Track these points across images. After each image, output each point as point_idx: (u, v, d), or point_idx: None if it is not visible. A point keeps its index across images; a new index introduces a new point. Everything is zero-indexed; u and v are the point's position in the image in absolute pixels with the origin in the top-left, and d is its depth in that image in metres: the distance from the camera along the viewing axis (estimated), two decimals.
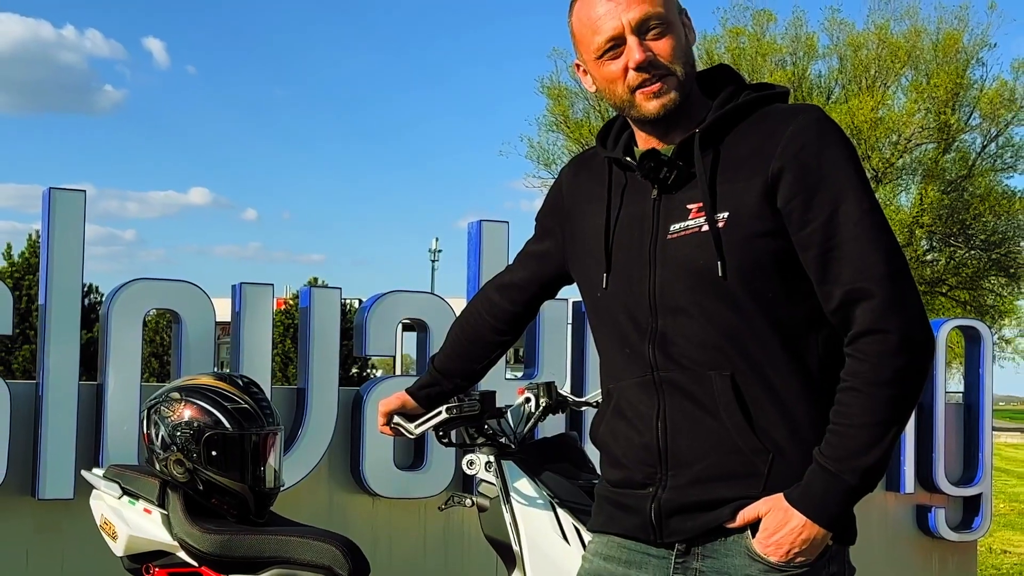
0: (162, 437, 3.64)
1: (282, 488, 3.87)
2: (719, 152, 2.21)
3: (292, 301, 24.91)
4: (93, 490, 3.84)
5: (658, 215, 2.24)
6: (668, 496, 2.20)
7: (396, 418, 3.13)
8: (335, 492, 5.16)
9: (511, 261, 2.87)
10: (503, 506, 3.47)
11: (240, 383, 3.79)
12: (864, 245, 2.10)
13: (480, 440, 3.49)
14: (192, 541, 3.54)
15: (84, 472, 3.97)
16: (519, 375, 5.75)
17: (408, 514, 5.27)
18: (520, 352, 6.04)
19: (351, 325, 5.83)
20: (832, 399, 2.15)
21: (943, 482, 6.19)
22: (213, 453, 3.61)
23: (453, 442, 3.44)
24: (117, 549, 3.72)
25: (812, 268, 2.14)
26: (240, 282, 5.01)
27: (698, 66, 2.34)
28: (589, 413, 4.39)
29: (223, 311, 4.98)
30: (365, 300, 5.43)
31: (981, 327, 6.41)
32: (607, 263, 2.31)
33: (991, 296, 37.10)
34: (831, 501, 2.11)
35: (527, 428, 3.58)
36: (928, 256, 35.90)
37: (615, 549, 2.32)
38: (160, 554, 3.65)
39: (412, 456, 5.26)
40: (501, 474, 3.46)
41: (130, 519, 3.67)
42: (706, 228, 2.16)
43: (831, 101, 34.94)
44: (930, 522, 6.24)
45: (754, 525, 2.16)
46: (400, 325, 5.43)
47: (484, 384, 3.50)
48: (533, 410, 3.58)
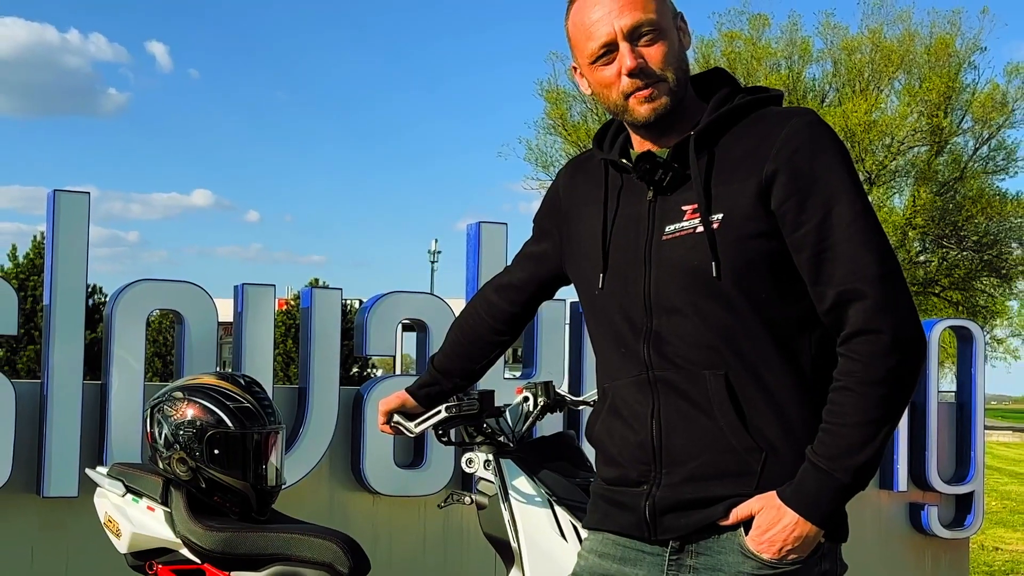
0: (165, 436, 3.64)
1: (284, 486, 3.87)
2: (714, 154, 2.21)
3: (293, 302, 24.92)
4: (97, 488, 3.84)
5: (653, 216, 2.24)
6: (662, 494, 2.21)
7: (396, 417, 3.13)
8: (336, 490, 5.16)
9: (509, 262, 2.87)
10: (502, 504, 3.47)
11: (242, 382, 3.79)
12: (857, 247, 2.10)
13: (479, 439, 3.49)
14: (195, 538, 3.54)
15: (88, 470, 3.97)
16: (517, 375, 5.75)
17: (408, 512, 5.27)
18: (518, 352, 6.04)
19: (352, 325, 5.84)
20: (825, 398, 2.15)
21: (936, 480, 6.19)
22: (216, 451, 3.61)
23: (452, 441, 3.44)
24: (121, 546, 3.72)
25: (805, 269, 2.14)
26: (242, 283, 5.01)
27: (694, 69, 2.34)
28: (586, 412, 4.39)
29: (225, 311, 4.98)
30: (365, 301, 5.43)
31: (973, 327, 6.42)
32: (603, 264, 2.31)
33: (983, 297, 37.12)
34: (823, 499, 2.11)
35: (525, 427, 3.58)
36: (921, 257, 35.93)
37: (610, 546, 2.32)
38: (163, 551, 3.65)
39: (412, 454, 5.26)
40: (500, 472, 3.46)
41: (134, 517, 3.67)
42: (701, 229, 2.16)
43: (825, 104, 34.97)
44: (923, 520, 6.24)
45: (747, 523, 2.16)
46: (400, 325, 5.42)
47: (483, 383, 3.50)
48: (531, 409, 3.58)
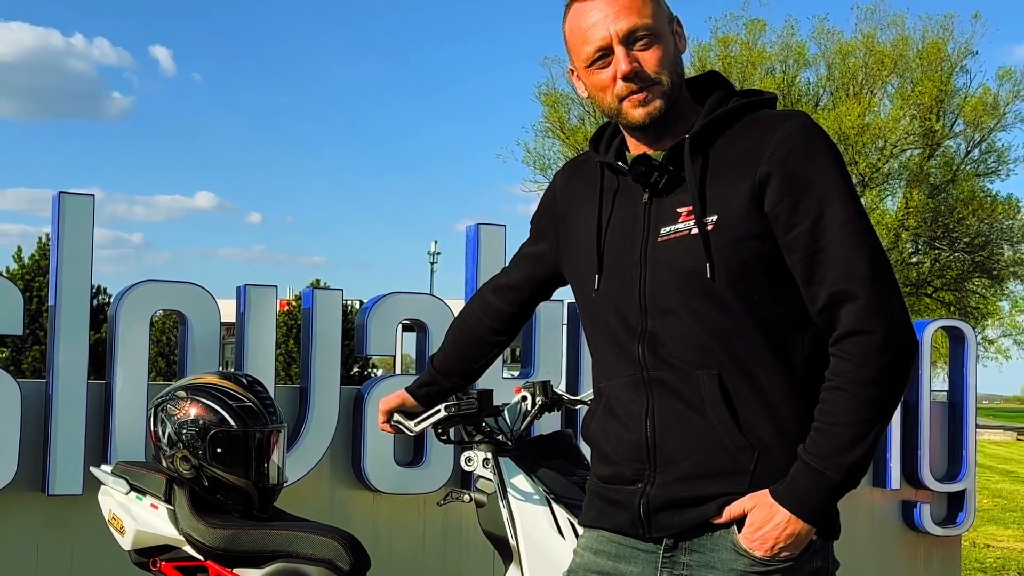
0: (168, 434, 3.64)
1: (285, 484, 3.87)
2: (708, 157, 2.21)
3: (295, 302, 24.93)
4: (101, 486, 3.84)
5: (649, 218, 2.24)
6: (656, 492, 2.21)
7: (396, 416, 3.13)
8: (337, 488, 5.16)
9: (507, 263, 2.87)
10: (500, 501, 3.47)
11: (244, 382, 3.79)
12: (849, 248, 2.10)
13: (478, 437, 3.49)
14: (198, 535, 3.54)
15: (92, 468, 3.97)
16: (516, 374, 5.75)
17: (408, 509, 5.27)
18: (517, 352, 6.05)
19: (352, 325, 5.84)
20: (817, 398, 2.15)
21: (928, 478, 6.19)
22: (218, 450, 3.60)
23: (452, 439, 3.44)
24: (125, 543, 3.72)
25: (798, 271, 2.14)
26: (244, 284, 5.00)
27: (690, 73, 2.34)
28: (583, 411, 4.39)
29: (228, 312, 4.98)
30: (366, 301, 5.43)
31: (965, 328, 6.42)
32: (599, 265, 2.31)
33: (974, 297, 37.15)
34: (815, 497, 2.11)
35: (523, 426, 3.58)
36: (913, 259, 35.96)
37: (605, 543, 2.32)
38: (166, 548, 3.65)
39: (412, 453, 5.26)
40: (498, 470, 3.46)
41: (137, 514, 3.67)
42: (695, 231, 2.16)
43: (819, 108, 34.99)
44: (915, 517, 6.24)
45: (740, 521, 2.16)
46: (400, 325, 5.42)
47: (482, 383, 3.51)
48: (529, 408, 3.58)
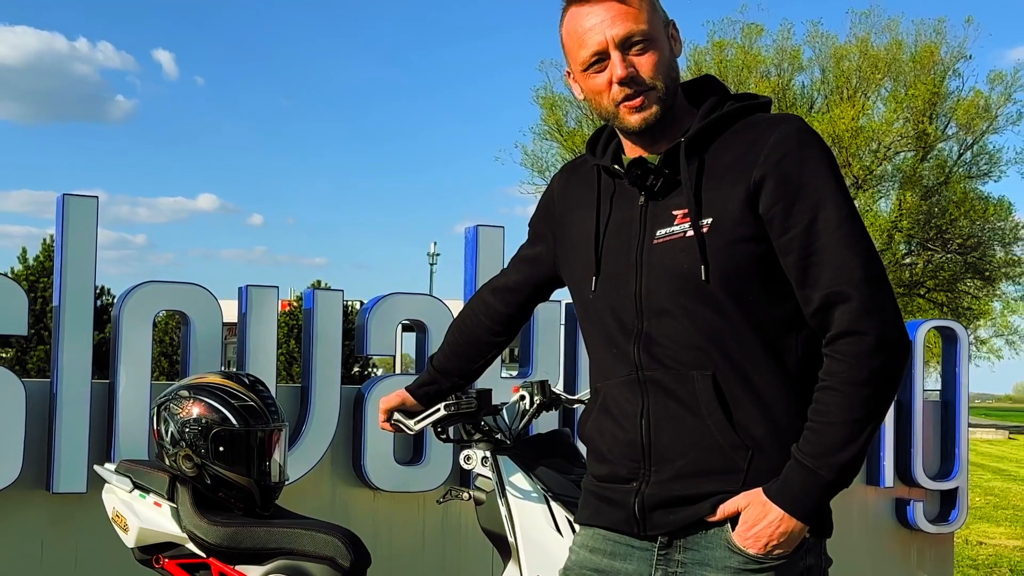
0: (171, 433, 3.65)
1: (287, 482, 3.88)
2: (704, 160, 2.21)
3: (296, 303, 24.87)
4: (105, 484, 3.85)
5: (645, 221, 2.24)
6: (651, 491, 2.21)
7: (396, 415, 3.13)
8: (337, 486, 5.16)
9: (506, 265, 2.87)
10: (499, 499, 3.48)
11: (246, 381, 3.80)
12: (842, 250, 2.11)
13: (477, 436, 3.49)
14: (200, 533, 3.54)
15: (96, 467, 3.98)
16: (514, 374, 5.75)
17: (408, 507, 5.27)
18: (515, 352, 6.05)
19: (353, 326, 5.84)
20: (811, 397, 2.15)
21: (921, 476, 6.19)
22: (220, 449, 3.61)
23: (451, 438, 3.44)
24: (128, 541, 3.72)
25: (792, 272, 2.14)
26: (246, 284, 5.00)
27: (686, 77, 2.35)
28: (581, 410, 4.39)
29: (230, 312, 4.98)
30: (366, 302, 5.43)
31: (957, 328, 6.42)
32: (596, 267, 2.31)
33: (967, 298, 37.15)
34: (808, 496, 2.12)
35: (522, 425, 3.58)
36: (907, 260, 35.96)
37: (601, 541, 2.32)
38: (170, 545, 3.66)
39: (411, 451, 5.26)
40: (497, 469, 3.47)
41: (141, 512, 3.67)
42: (691, 233, 2.16)
43: (814, 111, 34.99)
44: (909, 515, 6.24)
45: (734, 519, 2.16)
46: (400, 326, 5.42)
47: (480, 382, 3.51)
48: (527, 407, 3.59)
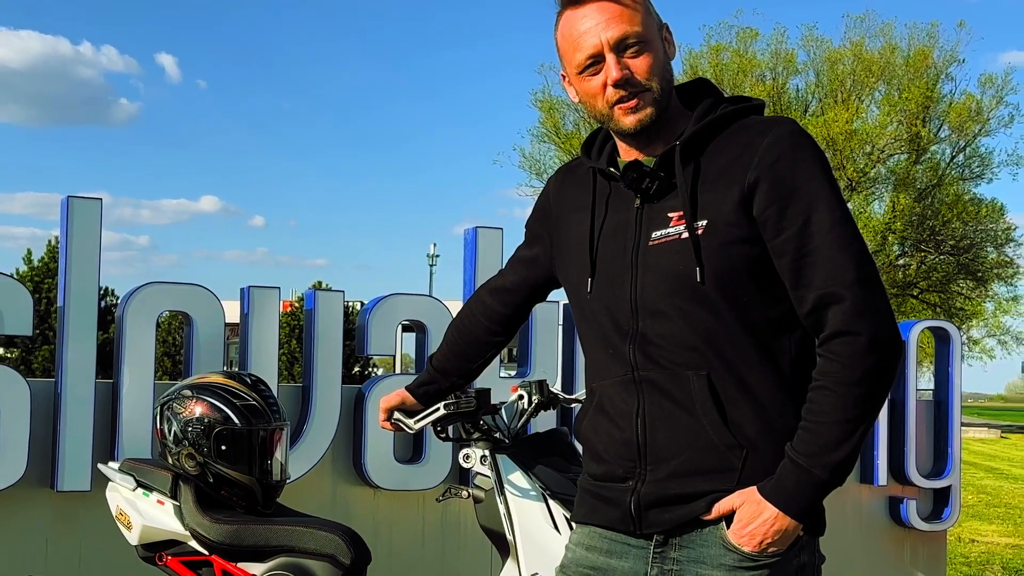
0: (174, 432, 3.65)
1: (288, 481, 3.88)
2: (699, 163, 2.21)
3: (298, 304, 24.85)
4: (109, 482, 3.85)
5: (640, 223, 2.24)
6: (647, 490, 2.21)
7: (396, 414, 3.13)
8: (338, 484, 5.16)
9: (504, 266, 2.87)
10: (498, 497, 3.48)
11: (248, 381, 3.80)
12: (836, 252, 2.10)
13: (476, 435, 3.50)
14: (203, 531, 3.55)
15: (100, 465, 3.98)
16: (512, 373, 5.75)
17: (407, 505, 5.27)
18: (513, 352, 6.05)
19: (353, 326, 5.83)
20: (804, 397, 2.16)
21: (914, 475, 6.20)
22: (223, 447, 3.61)
23: (450, 437, 3.45)
24: (132, 538, 3.72)
25: (786, 274, 2.14)
26: (248, 285, 5.00)
27: (682, 81, 2.34)
28: (578, 409, 4.39)
29: (232, 313, 4.98)
30: (367, 302, 5.43)
31: (950, 328, 6.42)
32: (592, 268, 2.31)
33: (959, 299, 37.14)
34: (802, 494, 2.12)
35: (520, 424, 3.58)
36: (900, 261, 35.96)
37: (597, 539, 2.32)
38: (173, 543, 3.66)
39: (411, 450, 5.26)
40: (496, 467, 3.47)
41: (144, 510, 3.68)
42: (686, 235, 2.16)
43: (808, 114, 35.00)
44: (902, 513, 6.25)
45: (728, 516, 2.16)
46: (400, 326, 5.42)
47: (479, 382, 3.51)
48: (526, 407, 3.59)
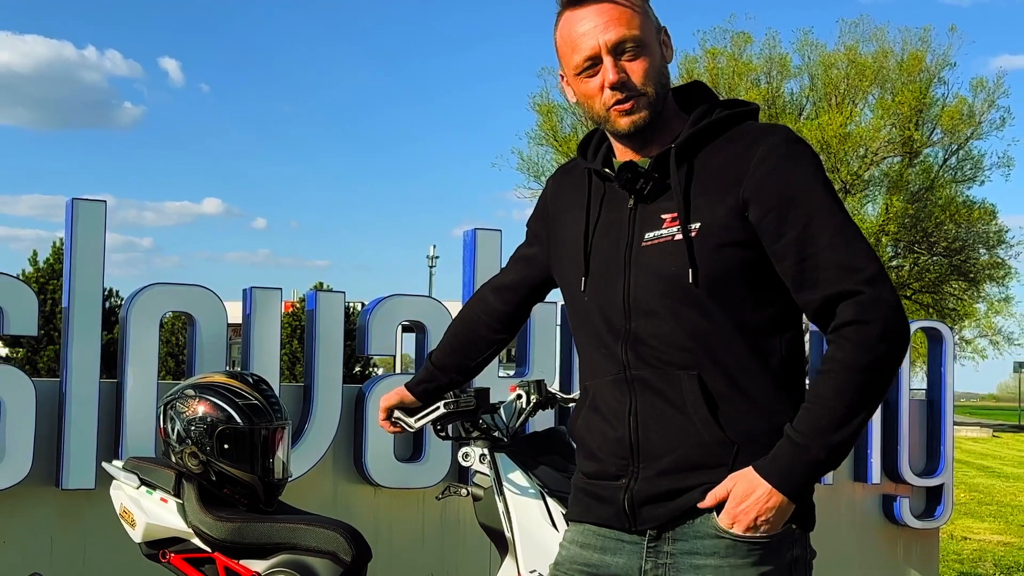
0: (178, 431, 3.65)
1: (290, 479, 3.88)
2: (693, 165, 2.21)
3: (299, 304, 24.84)
4: (113, 480, 3.85)
5: (634, 223, 2.24)
6: (640, 487, 2.21)
7: (396, 413, 3.13)
8: (339, 483, 5.16)
9: (504, 267, 2.87)
10: (496, 496, 3.48)
11: (250, 381, 3.80)
12: (841, 251, 2.11)
13: (475, 434, 3.50)
14: (206, 528, 3.55)
15: (105, 464, 3.98)
16: (511, 373, 5.75)
17: (407, 503, 5.27)
18: (512, 351, 6.05)
19: (354, 326, 5.83)
20: (794, 396, 2.17)
21: (907, 473, 6.20)
22: (225, 446, 3.61)
23: (450, 436, 3.45)
24: (135, 536, 3.72)
25: (790, 277, 2.14)
26: (250, 286, 5.00)
27: (678, 83, 2.35)
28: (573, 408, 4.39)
29: (235, 313, 4.98)
30: (367, 303, 5.43)
31: (943, 328, 6.43)
32: (585, 267, 2.31)
33: (952, 300, 37.16)
34: (796, 472, 2.11)
35: (519, 423, 3.59)
36: (893, 262, 35.96)
37: (591, 537, 2.32)
38: (176, 540, 3.66)
39: (411, 449, 5.26)
40: (495, 466, 3.47)
41: (148, 508, 3.68)
42: (679, 237, 2.16)
43: (803, 117, 35.00)
44: (895, 511, 6.25)
45: (720, 507, 2.15)
46: (400, 327, 5.42)
47: (478, 382, 3.51)
48: (524, 406, 3.59)
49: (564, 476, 3.40)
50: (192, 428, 3.62)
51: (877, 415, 6.13)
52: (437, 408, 3.19)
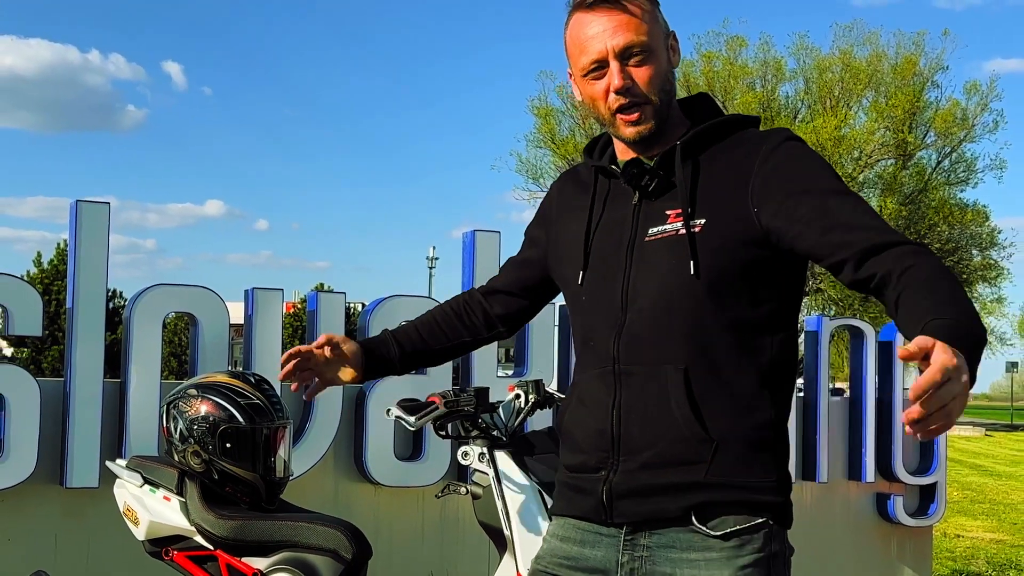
0: (180, 430, 3.65)
1: (291, 477, 3.88)
2: (699, 164, 2.21)
3: (300, 305, 24.87)
4: (117, 479, 3.85)
5: (637, 219, 2.24)
6: (619, 479, 2.19)
7: (396, 412, 3.12)
8: (340, 481, 5.16)
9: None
10: (495, 494, 3.48)
11: (252, 380, 3.80)
12: (863, 216, 2.08)
13: (474, 433, 3.50)
14: (208, 526, 3.55)
15: (108, 463, 3.98)
16: (509, 373, 5.76)
17: (407, 501, 5.27)
18: (510, 352, 6.05)
19: (355, 327, 5.83)
20: (779, 395, 2.18)
21: (901, 472, 6.21)
22: (227, 445, 3.61)
23: (449, 435, 3.45)
24: (139, 534, 3.72)
25: (817, 247, 2.09)
26: (252, 287, 5.01)
27: (677, 87, 2.35)
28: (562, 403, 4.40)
29: (237, 314, 4.99)
30: (368, 304, 5.43)
31: None
32: (584, 261, 2.31)
33: None
34: (971, 355, 1.82)
35: (517, 422, 3.59)
36: None
37: (571, 530, 2.31)
38: (179, 538, 3.66)
39: (411, 447, 5.27)
40: (493, 464, 3.47)
41: (151, 506, 3.68)
42: (683, 231, 2.16)
43: (797, 120, 35.03)
44: (889, 509, 6.26)
45: (697, 508, 2.13)
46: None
47: (477, 382, 3.51)
48: (523, 405, 3.60)
49: None
50: (195, 427, 3.62)
51: (871, 415, 6.14)
52: (437, 407, 3.19)
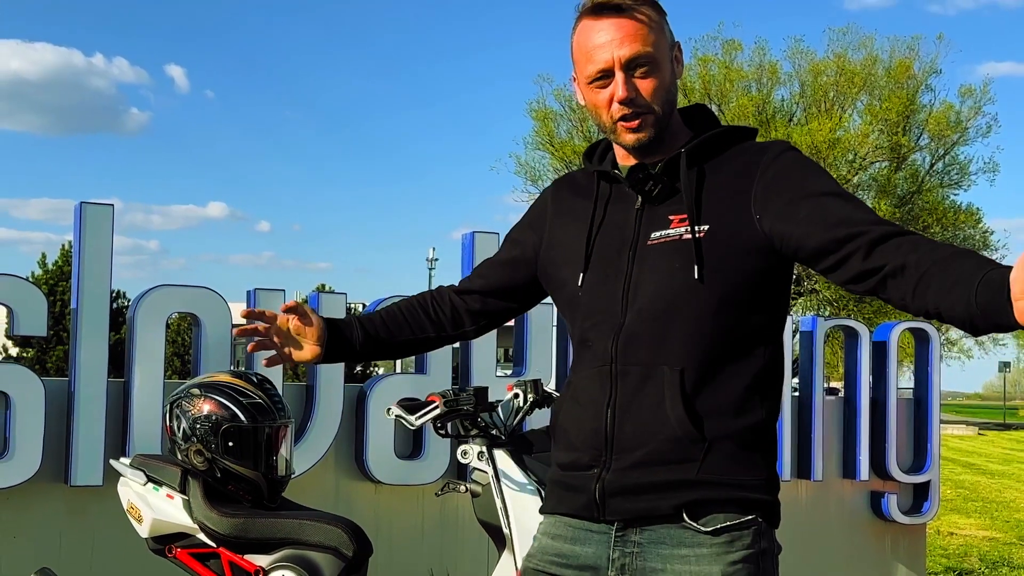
0: (183, 429, 3.65)
1: (293, 476, 3.88)
2: (703, 171, 2.22)
3: None
4: (120, 477, 3.85)
5: (640, 223, 2.24)
6: (611, 477, 2.19)
7: (397, 411, 3.12)
8: (341, 479, 5.16)
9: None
10: (494, 492, 3.49)
11: (254, 380, 3.80)
12: (865, 212, 2.08)
13: (473, 432, 3.51)
14: (211, 524, 3.55)
15: (112, 461, 3.98)
16: (508, 373, 5.76)
17: (408, 499, 5.27)
18: (509, 352, 6.06)
19: None
20: (769, 402, 2.19)
21: (895, 470, 6.21)
22: (230, 444, 3.61)
23: (449, 433, 3.45)
24: (142, 531, 3.72)
25: (824, 243, 2.09)
26: (254, 288, 5.01)
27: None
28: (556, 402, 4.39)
29: (239, 314, 4.98)
30: (368, 304, 5.43)
31: (930, 329, 6.44)
32: (585, 264, 2.31)
33: None
34: None
35: (516, 421, 3.59)
36: None
37: (562, 528, 2.30)
38: (182, 536, 3.66)
39: (411, 446, 5.27)
40: (493, 462, 3.48)
41: (154, 504, 3.68)
42: (687, 236, 2.16)
43: (793, 123, 35.01)
44: (883, 507, 6.26)
45: (689, 509, 2.14)
46: None
47: (476, 381, 3.52)
48: (521, 405, 3.60)
49: None
50: (198, 426, 3.62)
51: (865, 413, 6.15)
52: (436, 407, 3.19)
